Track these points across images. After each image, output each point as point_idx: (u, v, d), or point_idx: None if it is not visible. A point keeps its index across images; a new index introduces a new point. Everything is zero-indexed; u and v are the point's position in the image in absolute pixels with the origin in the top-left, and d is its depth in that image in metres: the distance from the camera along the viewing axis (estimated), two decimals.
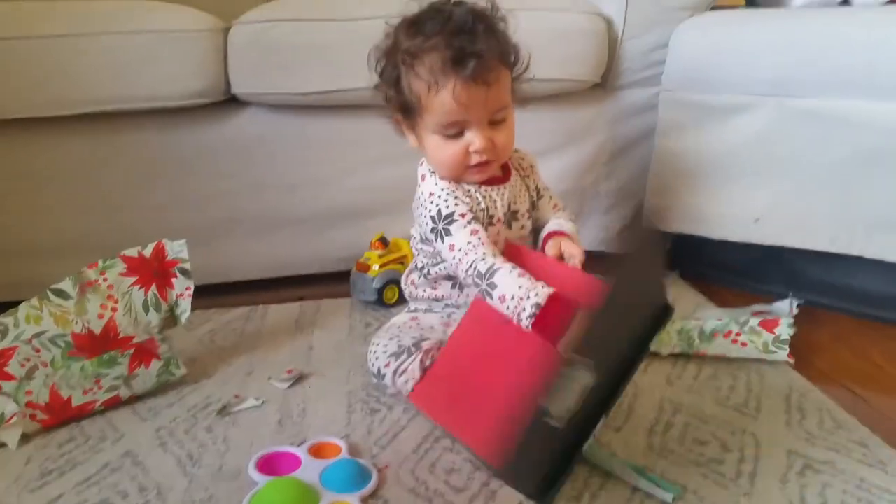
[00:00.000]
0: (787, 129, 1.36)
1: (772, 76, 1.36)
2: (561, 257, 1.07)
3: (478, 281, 1.00)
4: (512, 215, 1.15)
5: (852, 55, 1.27)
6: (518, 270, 0.97)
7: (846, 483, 0.92)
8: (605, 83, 1.58)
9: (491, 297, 0.98)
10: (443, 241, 1.06)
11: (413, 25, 1.04)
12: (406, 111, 1.08)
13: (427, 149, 1.10)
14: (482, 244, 1.03)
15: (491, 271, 0.99)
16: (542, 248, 1.13)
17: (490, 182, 1.12)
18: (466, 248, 1.03)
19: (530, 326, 0.93)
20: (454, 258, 1.05)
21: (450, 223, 1.06)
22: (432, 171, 1.12)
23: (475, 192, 1.11)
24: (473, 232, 1.05)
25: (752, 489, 0.91)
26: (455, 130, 1.05)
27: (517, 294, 0.95)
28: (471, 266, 1.02)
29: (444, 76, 1.00)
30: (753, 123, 1.40)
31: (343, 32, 1.39)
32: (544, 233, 1.17)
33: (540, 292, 0.93)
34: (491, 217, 1.12)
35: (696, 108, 1.46)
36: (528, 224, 1.19)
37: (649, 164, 1.57)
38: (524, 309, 0.93)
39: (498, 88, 1.04)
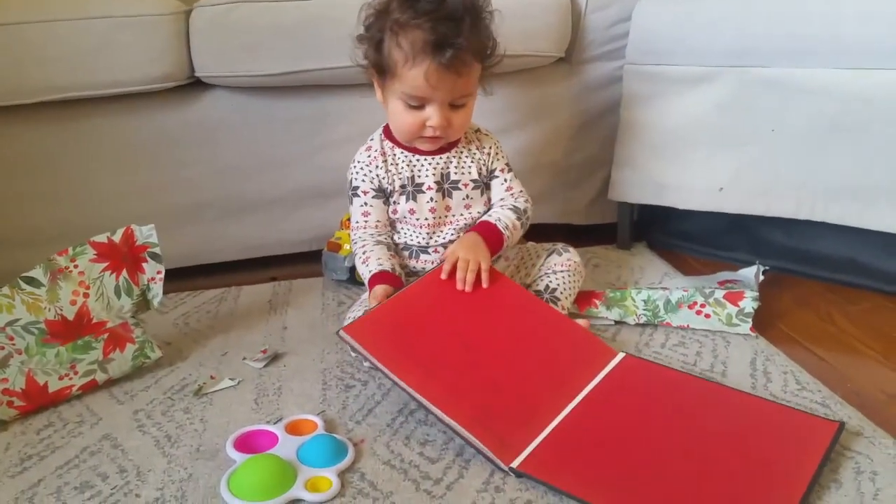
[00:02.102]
0: (749, 99, 1.38)
1: (733, 46, 1.37)
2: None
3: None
4: (452, 185, 1.22)
5: (812, 24, 1.28)
6: (364, 257, 1.19)
7: None
8: (569, 57, 1.59)
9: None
10: (350, 206, 1.26)
11: None
12: (380, 71, 1.16)
13: (389, 109, 1.19)
14: (364, 227, 1.23)
15: (354, 255, 1.23)
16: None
17: (422, 150, 1.22)
18: (354, 225, 1.24)
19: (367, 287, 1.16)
20: (351, 224, 1.26)
21: (354, 195, 1.24)
22: (371, 139, 1.25)
23: (403, 160, 1.22)
24: (364, 214, 1.23)
25: None
26: (418, 103, 1.14)
27: (362, 277, 1.20)
28: (352, 241, 1.25)
29: (422, 56, 1.09)
30: (716, 94, 1.42)
31: (304, 12, 1.39)
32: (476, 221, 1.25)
33: (367, 276, 1.17)
34: (419, 185, 1.22)
35: (660, 80, 1.48)
36: (477, 196, 1.25)
37: (615, 137, 1.59)
38: (365, 283, 1.17)
39: (466, 79, 1.13)
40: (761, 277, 1.31)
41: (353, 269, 1.46)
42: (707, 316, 1.25)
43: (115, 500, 0.88)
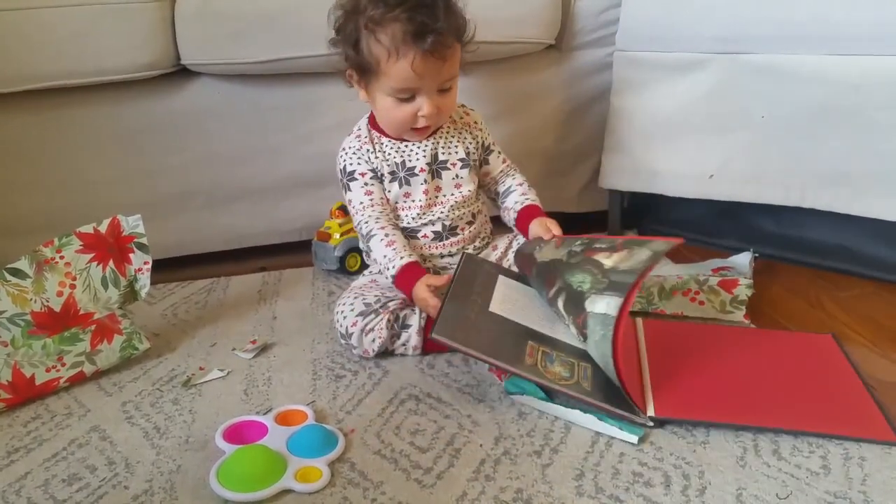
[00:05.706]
0: (739, 85, 1.38)
1: (723, 33, 1.37)
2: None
3: (361, 238, 1.22)
4: (440, 166, 1.22)
5: (802, 10, 1.28)
6: (387, 240, 1.15)
7: None
8: (559, 44, 1.58)
9: (370, 254, 1.21)
10: (347, 194, 1.23)
11: None
12: (362, 71, 1.16)
13: (378, 107, 1.19)
14: (371, 206, 1.20)
15: (369, 235, 1.18)
16: (523, 228, 1.24)
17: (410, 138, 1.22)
18: (359, 206, 1.21)
19: (393, 284, 1.15)
20: (353, 210, 1.22)
21: (351, 180, 1.22)
22: (358, 128, 1.25)
23: (390, 148, 1.22)
24: (367, 192, 1.21)
25: (707, 438, 0.93)
26: (407, 95, 1.14)
27: (383, 260, 1.15)
28: (358, 224, 1.21)
29: (405, 47, 1.08)
30: (706, 80, 1.41)
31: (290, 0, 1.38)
32: (516, 211, 1.26)
33: (397, 263, 1.13)
34: (411, 169, 1.21)
35: (650, 66, 1.47)
36: (466, 175, 1.24)
37: (605, 125, 1.58)
38: (388, 269, 1.14)
39: (452, 62, 1.14)
40: (753, 264, 1.31)
41: (342, 259, 1.46)
42: (701, 303, 1.25)
43: (103, 492, 0.87)
